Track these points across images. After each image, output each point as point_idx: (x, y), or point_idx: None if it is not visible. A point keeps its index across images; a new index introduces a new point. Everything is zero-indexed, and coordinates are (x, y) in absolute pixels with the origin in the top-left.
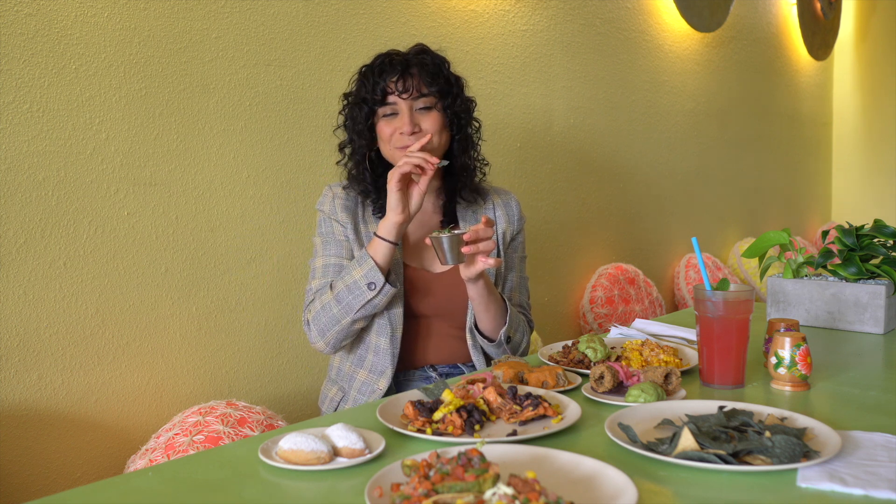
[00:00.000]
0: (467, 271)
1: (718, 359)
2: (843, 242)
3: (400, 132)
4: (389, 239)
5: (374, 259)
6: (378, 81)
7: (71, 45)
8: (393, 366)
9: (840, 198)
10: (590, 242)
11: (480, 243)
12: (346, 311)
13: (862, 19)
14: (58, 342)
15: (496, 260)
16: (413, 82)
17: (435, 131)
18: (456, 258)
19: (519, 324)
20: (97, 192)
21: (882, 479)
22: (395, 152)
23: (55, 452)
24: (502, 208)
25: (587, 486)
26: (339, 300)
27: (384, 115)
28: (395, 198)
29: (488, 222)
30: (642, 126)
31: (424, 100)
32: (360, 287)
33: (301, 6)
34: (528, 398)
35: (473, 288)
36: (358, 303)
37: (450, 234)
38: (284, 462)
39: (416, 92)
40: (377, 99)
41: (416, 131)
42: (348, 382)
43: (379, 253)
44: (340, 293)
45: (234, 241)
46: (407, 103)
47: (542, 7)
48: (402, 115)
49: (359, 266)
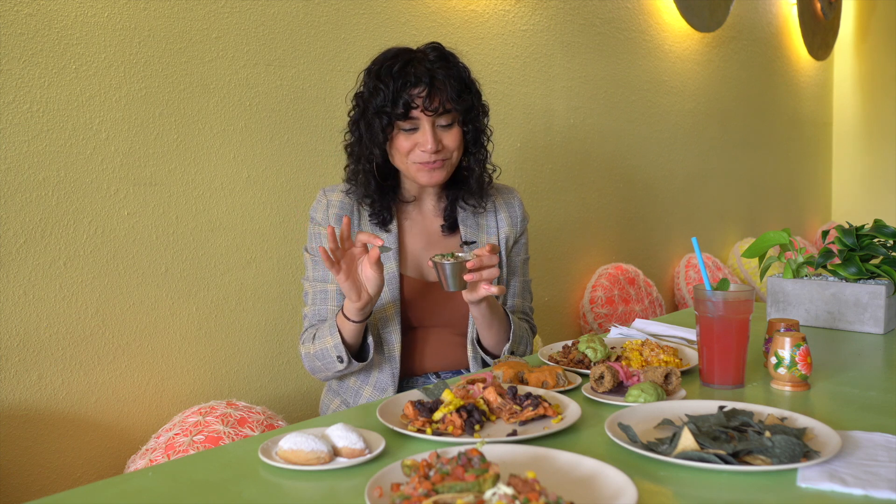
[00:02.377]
0: (470, 296)
1: (718, 359)
2: (843, 242)
3: (422, 150)
4: (355, 320)
5: (341, 334)
6: (401, 93)
7: (71, 45)
8: (395, 384)
9: (840, 198)
10: (590, 242)
11: (484, 271)
12: (326, 369)
13: (862, 19)
14: (58, 342)
15: (499, 288)
16: (440, 98)
17: (454, 148)
18: (458, 285)
19: (522, 336)
20: (97, 192)
21: (882, 479)
22: (410, 166)
23: (55, 452)
24: (505, 210)
25: (587, 486)
26: (319, 358)
27: (403, 129)
28: (345, 287)
29: (493, 249)
30: (642, 126)
31: (447, 116)
32: (332, 356)
33: (301, 6)
34: (528, 398)
35: (476, 310)
36: (332, 369)
37: (452, 262)
38: (284, 462)
39: (442, 108)
40: (399, 113)
41: (439, 149)
42: (355, 398)
43: (346, 329)
44: (318, 353)
45: (233, 241)
46: (430, 120)
47: (542, 7)
48: (424, 132)
49: (330, 335)
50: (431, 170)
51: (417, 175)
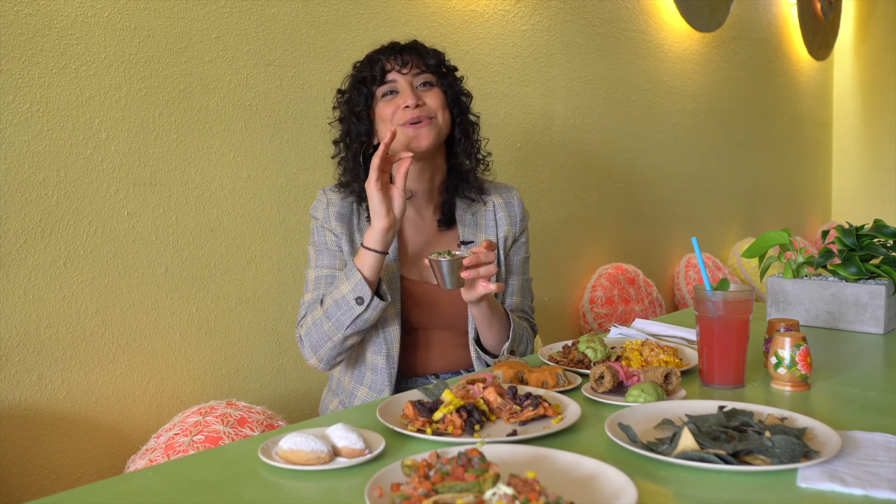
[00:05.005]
0: (468, 295)
1: (718, 359)
2: (843, 242)
3: (403, 107)
4: (377, 248)
5: (361, 272)
6: (376, 60)
7: (71, 45)
8: (391, 385)
9: (840, 198)
10: (590, 242)
11: (481, 268)
12: (337, 327)
13: (862, 19)
14: (58, 342)
15: (498, 285)
16: (412, 59)
17: (437, 107)
18: (455, 283)
19: (522, 335)
20: (97, 192)
21: (882, 479)
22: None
23: (55, 452)
24: (504, 209)
25: (587, 486)
26: (329, 316)
27: (384, 96)
28: (376, 199)
29: (490, 245)
30: (642, 126)
31: (425, 76)
32: (349, 302)
33: (301, 6)
34: (528, 398)
35: (475, 309)
36: (347, 318)
37: (449, 259)
38: (284, 462)
39: (416, 68)
40: (376, 77)
41: (421, 104)
42: (349, 399)
43: (366, 265)
44: (329, 309)
45: (233, 241)
46: (407, 79)
47: (542, 7)
48: (403, 92)
49: (346, 280)
50: (417, 128)
51: (403, 137)
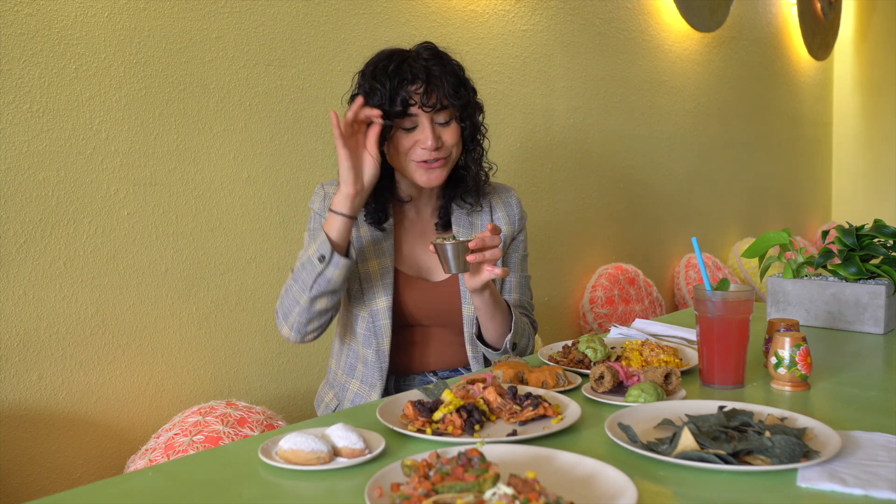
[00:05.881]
0: (472, 281)
1: (718, 359)
2: (843, 242)
3: (422, 147)
4: (344, 212)
5: (327, 233)
6: (398, 91)
7: (71, 45)
8: (382, 379)
9: (840, 198)
10: (590, 242)
11: (487, 252)
12: (303, 288)
13: (862, 19)
14: (58, 342)
15: (503, 269)
16: (437, 95)
17: (454, 144)
18: (460, 266)
19: (524, 329)
20: (97, 192)
21: (882, 479)
22: (409, 164)
23: (55, 452)
24: (502, 209)
25: (587, 486)
26: (296, 279)
27: (403, 128)
28: (345, 166)
29: (494, 229)
30: (642, 126)
31: (445, 113)
32: (313, 262)
33: (301, 6)
34: (528, 398)
35: (479, 298)
36: (311, 277)
37: (454, 242)
38: (284, 462)
39: (440, 105)
40: (398, 111)
41: (439, 146)
42: (342, 392)
43: (333, 227)
44: (296, 272)
45: (233, 241)
46: (429, 116)
47: (542, 7)
48: (423, 129)
49: (312, 242)
50: (430, 169)
51: (416, 174)
